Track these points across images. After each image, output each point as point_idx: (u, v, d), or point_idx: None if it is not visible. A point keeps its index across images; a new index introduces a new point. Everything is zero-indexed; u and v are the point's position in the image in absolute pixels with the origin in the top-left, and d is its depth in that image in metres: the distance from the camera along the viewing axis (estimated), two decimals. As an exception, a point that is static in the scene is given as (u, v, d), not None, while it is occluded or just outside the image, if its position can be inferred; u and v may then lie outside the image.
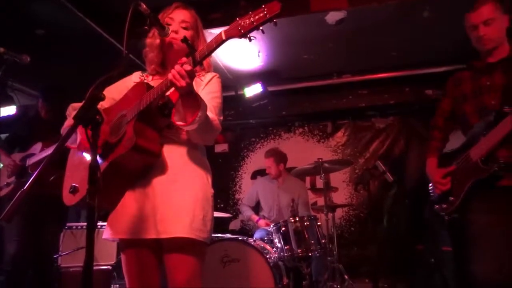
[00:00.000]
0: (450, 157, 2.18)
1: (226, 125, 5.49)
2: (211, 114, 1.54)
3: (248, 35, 1.29)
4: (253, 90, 4.93)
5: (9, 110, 3.99)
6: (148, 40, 1.71)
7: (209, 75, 1.70)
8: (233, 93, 5.09)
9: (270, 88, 4.98)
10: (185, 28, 1.67)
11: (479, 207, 1.98)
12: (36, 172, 1.13)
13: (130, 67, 1.58)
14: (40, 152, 2.95)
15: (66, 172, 1.68)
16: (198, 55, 1.36)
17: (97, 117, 1.19)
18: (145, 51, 1.74)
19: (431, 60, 4.48)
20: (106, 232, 1.58)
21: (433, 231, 3.57)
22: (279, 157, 4.30)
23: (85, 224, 3.15)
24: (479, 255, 1.93)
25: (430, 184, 2.26)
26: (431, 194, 2.25)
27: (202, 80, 1.66)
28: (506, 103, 1.91)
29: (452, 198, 2.09)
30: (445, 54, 4.30)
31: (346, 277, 3.55)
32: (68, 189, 1.50)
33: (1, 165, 3.16)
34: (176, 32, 1.64)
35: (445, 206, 2.13)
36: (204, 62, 1.67)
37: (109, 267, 3.62)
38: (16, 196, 1.10)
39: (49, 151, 2.89)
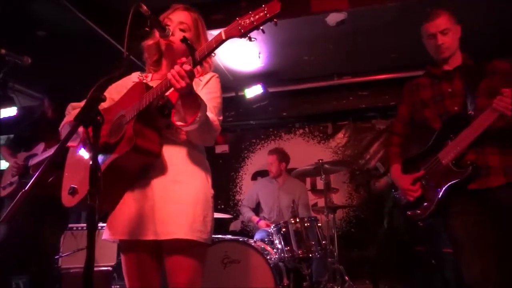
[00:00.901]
0: (414, 162, 2.18)
1: (226, 126, 5.49)
2: (211, 114, 1.53)
3: (248, 35, 1.28)
4: (253, 91, 4.93)
5: (10, 111, 4.01)
6: (146, 42, 1.70)
7: (208, 75, 1.68)
8: (233, 94, 5.09)
9: (271, 89, 4.98)
10: (182, 30, 1.64)
11: (454, 211, 1.99)
12: (37, 174, 1.13)
13: (130, 68, 1.58)
14: (42, 153, 2.94)
15: (64, 172, 1.67)
16: (198, 55, 1.35)
17: (98, 118, 1.18)
18: (144, 53, 1.73)
19: (431, 61, 4.46)
20: (105, 233, 1.58)
21: (434, 233, 3.56)
22: (282, 155, 4.32)
23: (85, 225, 3.16)
24: (465, 259, 1.94)
25: (396, 191, 2.25)
26: (398, 200, 2.24)
27: (201, 80, 1.65)
28: (468, 108, 1.97)
29: (426, 204, 2.07)
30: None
31: (346, 278, 3.54)
32: (67, 190, 1.50)
33: (3, 164, 3.16)
34: (172, 33, 1.60)
35: (419, 211, 2.11)
36: (205, 62, 1.66)
37: (109, 268, 3.61)
38: (17, 197, 1.09)
39: (51, 151, 2.89)
